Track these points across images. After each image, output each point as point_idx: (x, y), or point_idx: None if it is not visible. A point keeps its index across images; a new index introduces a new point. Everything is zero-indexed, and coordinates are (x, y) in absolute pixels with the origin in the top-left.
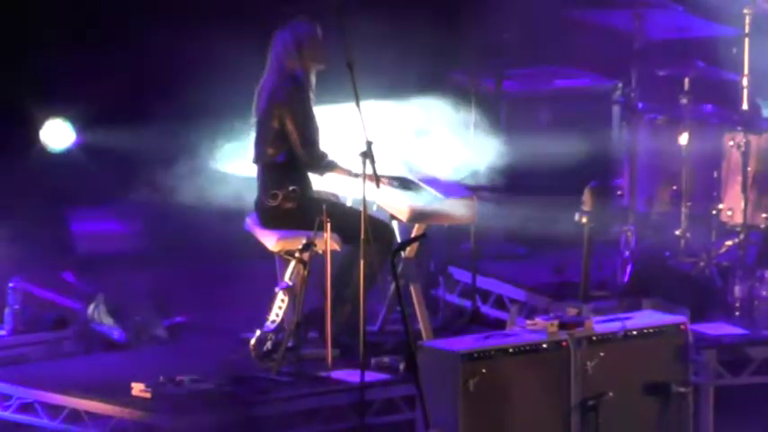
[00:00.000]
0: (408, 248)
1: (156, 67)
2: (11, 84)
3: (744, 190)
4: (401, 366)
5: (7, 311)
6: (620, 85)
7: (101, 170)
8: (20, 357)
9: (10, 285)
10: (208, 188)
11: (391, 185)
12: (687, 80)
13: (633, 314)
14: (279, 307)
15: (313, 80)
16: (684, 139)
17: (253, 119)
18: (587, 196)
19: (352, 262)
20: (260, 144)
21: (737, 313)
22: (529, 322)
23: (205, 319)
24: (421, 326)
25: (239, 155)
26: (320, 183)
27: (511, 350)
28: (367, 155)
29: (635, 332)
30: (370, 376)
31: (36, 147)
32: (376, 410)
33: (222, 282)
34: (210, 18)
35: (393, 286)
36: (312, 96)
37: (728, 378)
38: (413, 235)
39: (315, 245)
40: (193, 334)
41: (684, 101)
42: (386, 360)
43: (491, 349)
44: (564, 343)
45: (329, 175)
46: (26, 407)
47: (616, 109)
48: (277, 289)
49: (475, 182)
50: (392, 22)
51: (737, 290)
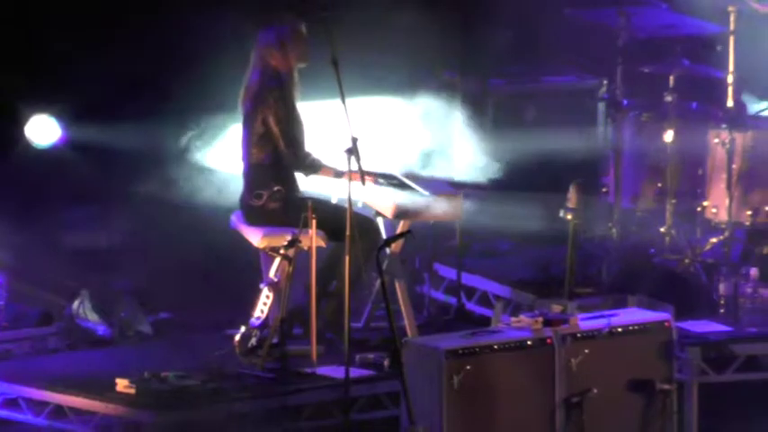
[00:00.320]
0: (394, 245)
1: (143, 64)
2: None
3: (728, 187)
4: (386, 363)
5: None
6: (605, 83)
7: (86, 166)
8: (4, 353)
9: None
10: (193, 184)
11: (377, 182)
12: (672, 77)
13: (618, 311)
14: (264, 303)
15: (296, 77)
16: (669, 137)
17: (240, 114)
18: (572, 193)
19: (337, 258)
20: (245, 144)
21: (722, 310)
22: (513, 319)
23: (190, 316)
24: (406, 322)
25: (225, 151)
26: (307, 183)
27: (495, 347)
28: (352, 152)
29: (620, 329)
30: (354, 372)
31: (21, 142)
32: (360, 407)
33: (207, 278)
34: (198, 14)
35: (378, 283)
36: (297, 94)
37: (712, 375)
38: (398, 232)
39: (300, 241)
40: (178, 330)
41: (669, 98)
42: (370, 356)
43: (476, 346)
44: (548, 340)
45: (315, 176)
46: (10, 402)
47: (601, 106)
48: (262, 285)
49: (461, 179)
50: (379, 21)
51: (722, 287)
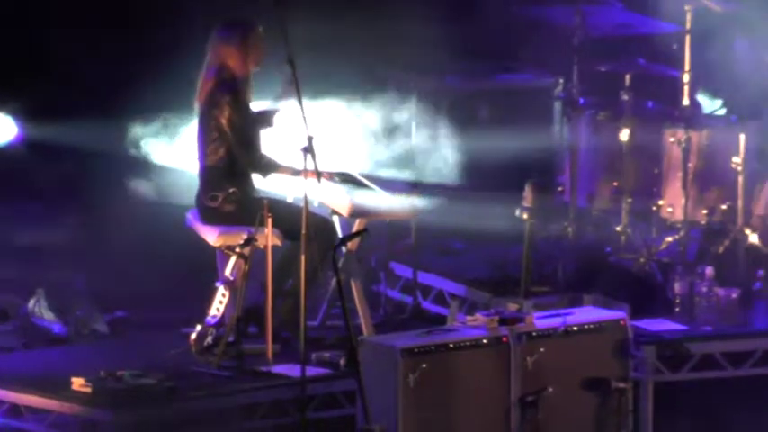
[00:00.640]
0: (349, 244)
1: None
2: None
3: (684, 186)
4: (342, 361)
5: None
6: (561, 81)
7: (43, 164)
8: None
9: None
10: (150, 183)
11: (332, 181)
12: (628, 76)
13: (574, 310)
14: (219, 302)
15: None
16: (625, 136)
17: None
18: (528, 192)
19: (292, 257)
20: (201, 143)
21: (677, 309)
22: (469, 318)
23: (146, 314)
24: (362, 321)
25: (182, 149)
26: (262, 182)
27: (451, 345)
28: (308, 150)
29: (575, 328)
30: (310, 371)
31: None
32: (316, 405)
33: (163, 276)
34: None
35: (334, 281)
36: (251, 96)
37: (668, 374)
38: (354, 230)
39: (256, 240)
40: (134, 329)
41: (625, 97)
42: (326, 355)
43: (431, 345)
44: (504, 338)
45: (273, 177)
46: None
47: (557, 105)
48: (218, 284)
49: (416, 178)
50: (334, 21)
51: (677, 286)
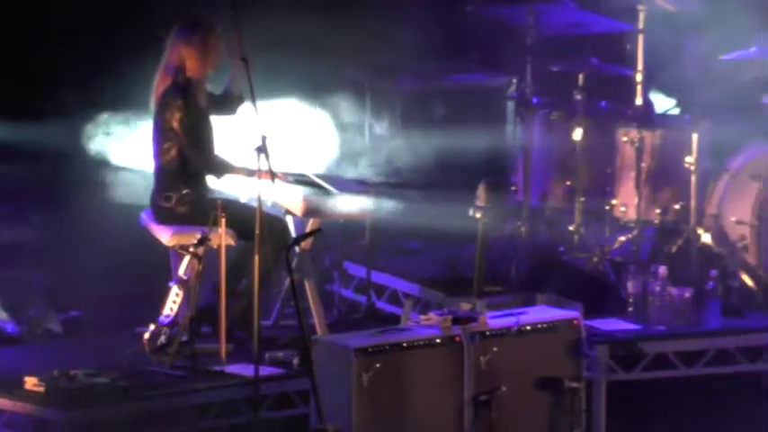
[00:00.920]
0: (303, 243)
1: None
2: None
3: (637, 186)
4: (295, 361)
5: None
6: (514, 81)
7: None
8: None
9: None
10: (103, 182)
11: (286, 180)
12: (581, 76)
13: (527, 309)
14: (173, 301)
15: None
16: (578, 135)
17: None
18: (481, 192)
19: (246, 257)
20: (155, 143)
21: (630, 309)
22: (423, 317)
23: (100, 314)
24: (315, 321)
25: (137, 149)
26: (216, 183)
27: (405, 345)
28: (262, 150)
29: (528, 327)
30: (264, 370)
31: None
32: (270, 405)
33: (117, 276)
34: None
35: (288, 281)
36: (205, 97)
37: (621, 373)
38: (308, 230)
39: (209, 240)
40: (88, 328)
41: (579, 96)
42: (280, 355)
43: (385, 344)
44: (457, 338)
45: (227, 177)
46: None
47: (511, 104)
48: (171, 283)
49: (370, 177)
50: (288, 21)
51: (631, 285)
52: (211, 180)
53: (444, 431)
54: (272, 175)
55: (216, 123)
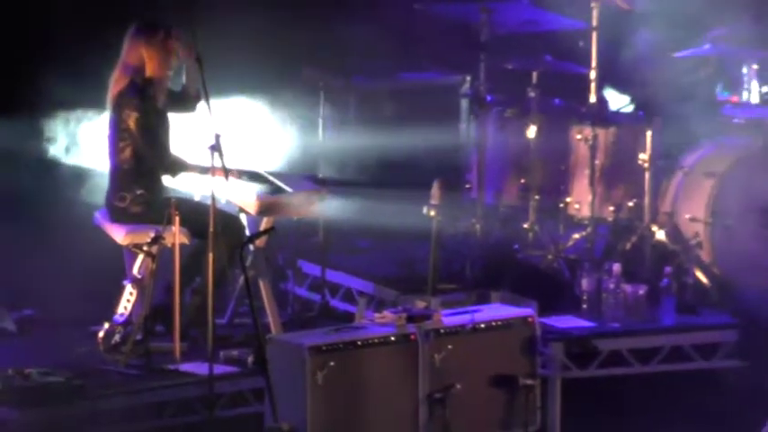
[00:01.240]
0: (257, 242)
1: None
2: None
3: (591, 183)
4: (250, 359)
5: None
6: (468, 79)
7: None
8: None
9: None
10: (57, 180)
11: (240, 178)
12: (535, 73)
13: (481, 307)
14: (127, 300)
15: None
16: (532, 133)
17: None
18: (435, 190)
19: (200, 255)
20: (111, 142)
21: (585, 306)
22: (377, 315)
23: (54, 312)
24: (270, 319)
25: (92, 148)
26: (171, 181)
27: (359, 343)
28: (216, 148)
29: (483, 325)
30: (218, 369)
31: None
32: (225, 403)
33: (71, 274)
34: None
35: (242, 279)
36: (163, 98)
37: (575, 371)
38: (262, 228)
39: (163, 238)
40: (42, 327)
41: (532, 94)
42: (234, 353)
43: (339, 342)
44: (412, 336)
45: (181, 176)
46: None
47: (464, 102)
48: (125, 282)
49: (324, 175)
50: (244, 19)
51: (585, 282)
52: (166, 179)
53: (399, 429)
54: (226, 173)
55: (172, 122)
